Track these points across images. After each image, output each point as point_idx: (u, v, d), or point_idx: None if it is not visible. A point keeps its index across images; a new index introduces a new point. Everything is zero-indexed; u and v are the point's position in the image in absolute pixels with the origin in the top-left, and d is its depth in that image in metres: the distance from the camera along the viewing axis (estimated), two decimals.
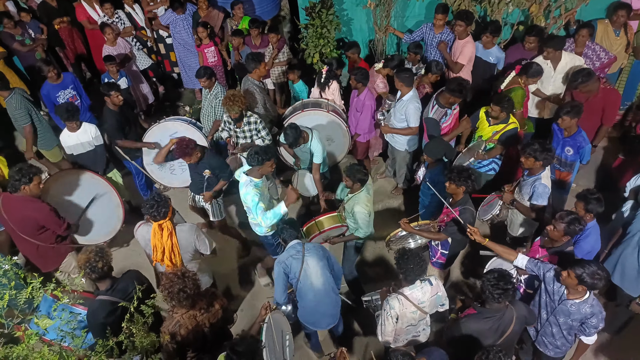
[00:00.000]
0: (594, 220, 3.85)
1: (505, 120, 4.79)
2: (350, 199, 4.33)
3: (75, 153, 5.15)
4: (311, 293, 3.77)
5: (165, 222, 3.77)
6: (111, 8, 6.85)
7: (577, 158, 4.65)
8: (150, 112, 7.28)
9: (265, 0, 7.19)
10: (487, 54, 5.62)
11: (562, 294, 3.36)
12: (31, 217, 4.12)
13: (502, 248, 3.71)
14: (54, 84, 5.81)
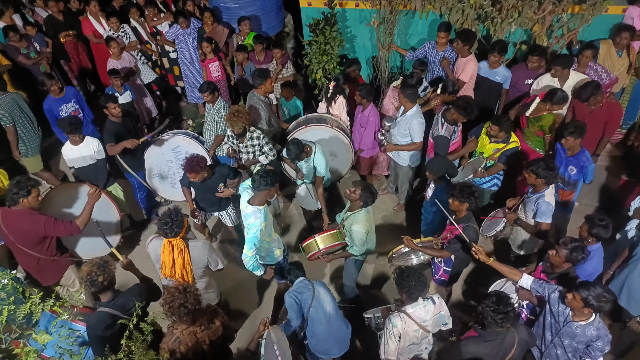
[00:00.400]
0: (599, 243, 3.81)
1: (506, 140, 4.81)
2: (349, 217, 4.32)
3: (76, 166, 5.14)
4: (324, 318, 3.75)
5: (175, 240, 3.75)
6: (117, 22, 6.92)
7: (580, 177, 4.65)
8: (153, 126, 7.30)
9: (270, 16, 7.27)
10: (494, 74, 5.64)
11: (567, 315, 3.32)
12: (30, 230, 4.08)
13: (507, 268, 3.68)
14: (56, 97, 5.83)
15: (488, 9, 5.61)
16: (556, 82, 5.27)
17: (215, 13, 7.00)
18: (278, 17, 7.49)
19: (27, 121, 5.81)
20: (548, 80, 5.30)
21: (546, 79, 5.34)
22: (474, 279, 5.12)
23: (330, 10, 6.08)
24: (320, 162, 4.89)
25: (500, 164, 4.88)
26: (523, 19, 5.55)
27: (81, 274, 3.27)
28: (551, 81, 5.27)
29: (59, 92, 5.81)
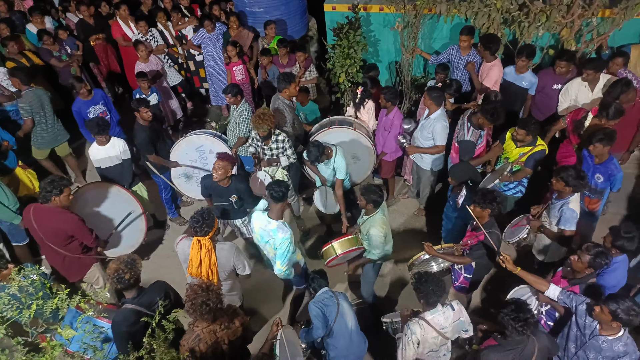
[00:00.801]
0: (624, 255, 3.70)
1: (532, 143, 4.71)
2: (365, 221, 4.31)
3: (102, 166, 5.27)
4: (347, 333, 3.77)
5: (204, 240, 3.79)
6: (145, 26, 7.08)
7: (607, 185, 4.54)
8: (178, 127, 7.44)
9: (294, 20, 7.34)
10: (520, 79, 5.55)
11: (594, 328, 3.23)
12: (61, 228, 4.21)
13: (533, 278, 3.59)
14: (85, 100, 5.99)
15: (515, 13, 5.53)
16: (587, 86, 5.14)
17: (241, 17, 7.09)
18: (302, 21, 7.54)
19: (44, 118, 6.00)
20: (578, 84, 5.18)
21: (576, 83, 5.21)
22: (493, 285, 5.03)
23: (354, 15, 6.09)
24: (341, 164, 4.89)
25: (528, 168, 4.78)
26: (551, 24, 5.45)
27: (109, 270, 3.35)
28: (581, 85, 5.14)
29: (87, 94, 5.98)
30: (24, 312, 2.75)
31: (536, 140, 4.72)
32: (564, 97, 5.31)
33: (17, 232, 5.20)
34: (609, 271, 3.66)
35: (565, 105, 5.33)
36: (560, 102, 5.36)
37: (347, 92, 6.44)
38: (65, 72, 7.05)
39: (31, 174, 5.91)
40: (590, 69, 5.01)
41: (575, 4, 5.28)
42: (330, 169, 4.97)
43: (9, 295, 2.80)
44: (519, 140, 4.73)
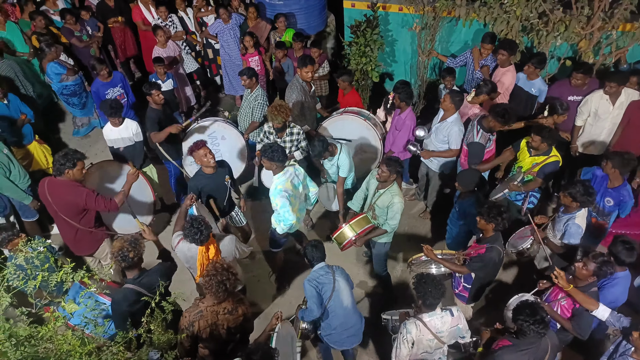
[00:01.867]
0: (626, 271, 3.68)
1: (547, 152, 4.66)
2: (383, 194, 4.35)
3: (115, 146, 5.37)
4: (342, 312, 3.81)
5: (211, 245, 3.82)
6: (166, 11, 7.14)
7: (615, 209, 4.49)
8: (191, 114, 7.50)
9: (312, 16, 7.35)
10: (530, 85, 5.53)
11: (628, 349, 3.22)
12: (72, 201, 4.28)
13: (584, 297, 3.48)
14: (104, 82, 6.10)
15: (534, 21, 5.50)
16: (608, 99, 5.07)
17: (259, 8, 7.12)
18: (321, 16, 7.55)
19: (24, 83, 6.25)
20: (599, 97, 5.11)
21: (597, 96, 5.13)
22: (492, 291, 5.03)
23: (372, 13, 6.09)
24: (344, 162, 4.92)
25: (540, 179, 4.71)
26: (570, 34, 5.41)
27: (113, 249, 3.42)
28: (602, 98, 5.08)
29: (107, 76, 6.06)
30: (29, 283, 2.82)
31: (551, 151, 4.66)
32: (584, 108, 5.24)
33: (27, 209, 5.32)
34: (609, 286, 3.66)
35: (584, 117, 5.27)
36: (579, 113, 5.28)
37: (360, 89, 6.46)
38: (84, 52, 7.15)
39: (46, 149, 6.03)
40: (614, 82, 4.93)
41: (596, 16, 5.24)
42: (334, 166, 5.01)
43: (15, 266, 2.87)
44: (533, 148, 4.67)
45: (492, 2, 5.59)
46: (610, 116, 5.13)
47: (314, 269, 3.82)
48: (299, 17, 7.25)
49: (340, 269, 3.88)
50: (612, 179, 4.39)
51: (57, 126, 7.56)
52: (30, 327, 2.59)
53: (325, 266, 3.83)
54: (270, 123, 5.09)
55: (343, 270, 3.90)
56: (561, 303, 3.62)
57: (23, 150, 5.78)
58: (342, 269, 3.91)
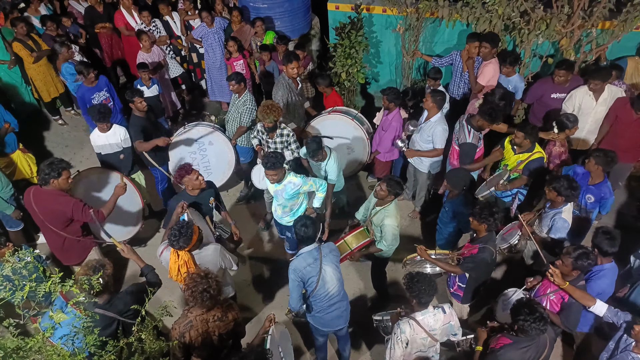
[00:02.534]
0: (612, 263, 3.72)
1: (530, 149, 4.73)
2: (379, 212, 4.35)
3: (103, 152, 5.31)
4: (326, 299, 3.80)
5: (181, 252, 3.68)
6: (149, 16, 7.09)
7: (596, 206, 4.57)
8: (177, 119, 7.46)
9: (296, 18, 7.37)
10: (507, 82, 5.61)
11: (629, 344, 3.25)
12: (59, 210, 4.22)
13: (580, 293, 3.51)
14: (89, 86, 6.03)
15: (516, 20, 5.58)
16: (591, 95, 5.15)
17: (243, 12, 7.12)
18: (305, 19, 7.57)
19: None
20: (583, 93, 5.19)
21: (581, 92, 5.22)
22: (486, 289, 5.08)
23: (357, 15, 6.12)
24: (332, 168, 4.94)
25: (525, 176, 4.78)
26: (551, 32, 5.50)
27: (78, 275, 3.24)
28: (586, 94, 5.16)
29: (93, 80, 6.01)
30: (16, 294, 2.77)
31: (534, 147, 4.72)
32: (568, 104, 5.33)
33: (10, 218, 5.23)
34: (595, 278, 3.71)
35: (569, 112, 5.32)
36: (564, 109, 5.37)
37: (346, 91, 6.49)
38: None
39: (30, 158, 5.95)
40: (598, 79, 5.03)
41: (576, 14, 5.34)
42: (322, 170, 5.02)
43: (2, 277, 2.82)
44: (517, 145, 4.73)
45: (475, 2, 5.66)
46: (593, 112, 5.22)
47: (302, 254, 3.70)
48: (283, 20, 7.26)
49: (329, 251, 3.78)
50: (593, 176, 4.46)
51: (42, 134, 7.45)
52: (18, 339, 2.54)
53: (314, 250, 3.70)
54: (262, 122, 5.11)
55: (332, 252, 3.80)
56: (550, 297, 3.66)
57: (6, 159, 5.69)
58: (332, 251, 3.81)
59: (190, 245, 3.68)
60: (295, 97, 5.58)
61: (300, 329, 4.80)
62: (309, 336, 4.20)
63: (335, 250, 3.88)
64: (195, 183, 4.31)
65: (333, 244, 3.92)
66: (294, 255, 3.94)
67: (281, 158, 4.31)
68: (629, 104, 4.97)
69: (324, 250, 3.75)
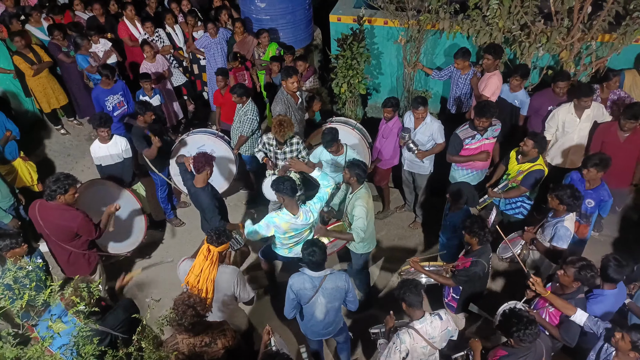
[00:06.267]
0: (615, 289, 3.67)
1: (533, 160, 4.74)
2: (351, 198, 4.39)
3: (103, 164, 5.32)
4: (311, 319, 3.83)
5: (215, 250, 3.65)
6: (152, 27, 7.15)
7: (595, 210, 4.58)
8: (179, 129, 7.50)
9: (299, 30, 7.44)
10: (513, 97, 5.62)
11: (610, 354, 3.24)
12: (66, 226, 4.24)
13: (562, 302, 3.53)
14: (105, 88, 6.16)
15: (516, 33, 5.62)
16: (574, 113, 5.13)
17: (246, 23, 7.18)
18: (307, 30, 7.64)
19: None
20: (566, 111, 5.17)
21: (564, 110, 5.20)
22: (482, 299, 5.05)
23: (358, 27, 6.18)
24: (353, 155, 5.02)
25: (524, 187, 4.77)
26: (551, 45, 5.54)
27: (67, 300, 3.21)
28: (569, 112, 5.15)
29: (109, 82, 6.14)
30: (16, 303, 2.77)
31: (538, 159, 4.74)
32: (551, 122, 5.30)
33: (8, 228, 5.20)
34: (592, 301, 3.68)
35: (552, 131, 5.32)
36: (547, 127, 5.33)
37: (348, 102, 6.53)
38: (71, 68, 7.12)
39: (31, 166, 5.97)
40: (584, 96, 4.98)
41: (575, 27, 5.38)
42: (339, 165, 5.05)
43: (2, 285, 2.82)
44: (523, 154, 4.73)
45: (475, 14, 5.70)
46: (577, 129, 5.20)
47: (304, 275, 3.67)
48: (286, 31, 7.32)
49: (333, 282, 3.66)
50: (590, 181, 4.47)
51: (43, 143, 7.48)
52: (18, 349, 2.53)
53: (317, 279, 3.63)
54: (269, 134, 5.15)
55: (336, 285, 3.68)
56: (549, 310, 3.66)
57: (7, 166, 5.72)
58: (338, 282, 3.68)
59: (225, 246, 3.73)
60: (294, 112, 5.62)
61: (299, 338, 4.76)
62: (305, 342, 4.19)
63: (341, 289, 3.72)
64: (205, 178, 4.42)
65: (344, 280, 3.71)
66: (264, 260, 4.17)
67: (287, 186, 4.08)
68: (613, 127, 4.93)
69: (327, 284, 3.65)
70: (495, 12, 5.54)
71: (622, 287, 3.73)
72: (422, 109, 5.18)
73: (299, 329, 4.12)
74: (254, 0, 7.17)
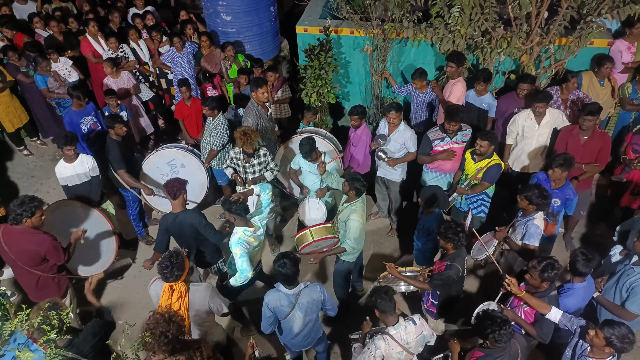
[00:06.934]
0: (584, 282, 3.78)
1: (489, 156, 4.89)
2: (345, 208, 4.41)
3: (70, 184, 5.16)
4: (290, 333, 3.81)
5: (177, 285, 3.54)
6: (116, 42, 7.04)
7: (562, 209, 4.72)
8: (148, 145, 7.37)
9: (266, 41, 7.46)
10: (480, 101, 5.77)
11: (585, 350, 3.31)
12: (33, 250, 4.10)
13: (537, 301, 3.59)
14: (78, 110, 6.01)
15: (478, 39, 5.78)
16: (533, 119, 5.29)
17: (213, 37, 7.15)
18: (274, 41, 7.66)
19: None
20: (525, 117, 5.33)
21: (523, 116, 5.35)
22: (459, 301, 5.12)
23: (325, 37, 6.23)
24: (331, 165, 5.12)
25: (485, 182, 4.92)
26: (512, 49, 5.71)
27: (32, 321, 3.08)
28: (529, 117, 5.31)
29: (81, 105, 5.99)
30: None
31: (492, 155, 4.91)
32: (512, 127, 5.45)
33: None
34: (564, 295, 3.79)
35: (513, 136, 5.48)
36: (508, 132, 5.47)
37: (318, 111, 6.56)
38: (32, 88, 6.92)
39: None
40: (540, 102, 5.14)
41: (534, 32, 5.57)
42: (317, 173, 5.10)
43: None
44: (480, 154, 4.87)
45: (437, 22, 5.84)
46: (536, 134, 5.36)
47: (279, 292, 3.63)
48: (253, 43, 7.33)
49: (308, 295, 3.64)
50: (556, 180, 4.62)
51: (5, 165, 7.23)
52: None
53: (292, 296, 3.59)
54: (236, 149, 5.11)
55: (312, 299, 3.66)
56: (524, 308, 3.73)
57: None
58: (313, 294, 3.66)
59: (185, 274, 3.55)
60: (265, 123, 5.61)
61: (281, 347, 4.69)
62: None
63: (317, 301, 3.71)
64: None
65: (318, 292, 3.70)
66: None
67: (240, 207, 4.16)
68: (575, 130, 5.11)
69: (302, 298, 3.63)
70: (457, 20, 5.68)
71: (590, 280, 3.85)
72: (394, 113, 5.24)
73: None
74: (219, 14, 7.16)
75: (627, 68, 6.14)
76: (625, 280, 3.79)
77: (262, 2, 7.19)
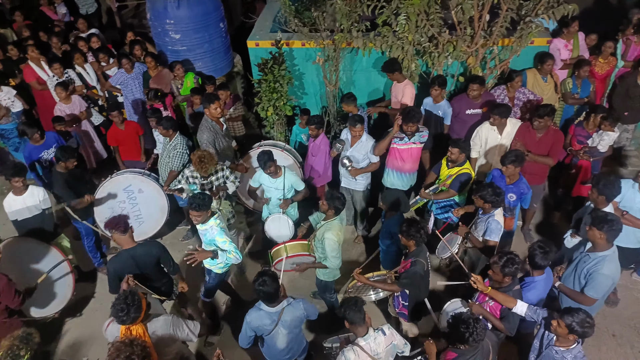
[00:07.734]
0: (543, 274, 3.90)
1: (461, 164, 5.02)
2: (322, 226, 4.40)
3: (19, 218, 4.92)
4: (273, 348, 3.76)
5: (134, 326, 3.36)
6: (60, 68, 6.79)
7: (518, 203, 4.89)
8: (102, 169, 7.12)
9: (218, 58, 7.40)
10: (437, 108, 5.88)
11: (551, 339, 3.41)
12: None
13: (503, 296, 3.67)
14: (37, 145, 5.74)
15: (425, 45, 5.93)
16: (495, 130, 5.47)
17: (161, 57, 7.02)
18: (227, 57, 7.61)
19: None
20: (487, 129, 5.50)
21: (485, 128, 5.52)
22: None
23: (277, 50, 6.24)
24: (293, 179, 5.15)
25: (452, 190, 5.02)
26: (458, 53, 5.89)
27: (1, 349, 2.98)
28: (490, 130, 5.48)
29: (39, 139, 5.71)
30: None
31: (465, 163, 5.03)
32: (476, 140, 5.59)
33: None
34: (526, 289, 3.90)
35: (477, 149, 5.62)
36: (472, 145, 5.58)
37: (275, 124, 6.55)
38: None
39: None
40: (497, 115, 5.31)
41: (478, 35, 5.78)
42: (279, 188, 5.09)
43: None
44: (452, 161, 5.01)
45: (386, 30, 5.96)
46: (498, 145, 5.54)
47: (261, 310, 3.58)
48: (205, 60, 7.25)
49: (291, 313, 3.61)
50: (510, 176, 4.78)
51: None
52: None
53: (275, 314, 3.57)
54: (191, 167, 5.03)
55: (295, 316, 3.64)
56: (489, 304, 3.82)
57: None
58: (296, 312, 3.64)
59: (142, 314, 3.37)
60: (221, 139, 5.54)
61: None
62: None
63: (301, 318, 3.71)
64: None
65: (302, 309, 3.68)
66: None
67: (208, 201, 4.23)
68: (530, 128, 5.32)
69: (285, 316, 3.60)
70: (404, 27, 5.81)
71: (548, 271, 3.98)
72: (359, 126, 5.31)
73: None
74: (167, 32, 7.06)
75: (566, 64, 6.48)
76: (582, 267, 3.94)
77: (211, 18, 7.14)
